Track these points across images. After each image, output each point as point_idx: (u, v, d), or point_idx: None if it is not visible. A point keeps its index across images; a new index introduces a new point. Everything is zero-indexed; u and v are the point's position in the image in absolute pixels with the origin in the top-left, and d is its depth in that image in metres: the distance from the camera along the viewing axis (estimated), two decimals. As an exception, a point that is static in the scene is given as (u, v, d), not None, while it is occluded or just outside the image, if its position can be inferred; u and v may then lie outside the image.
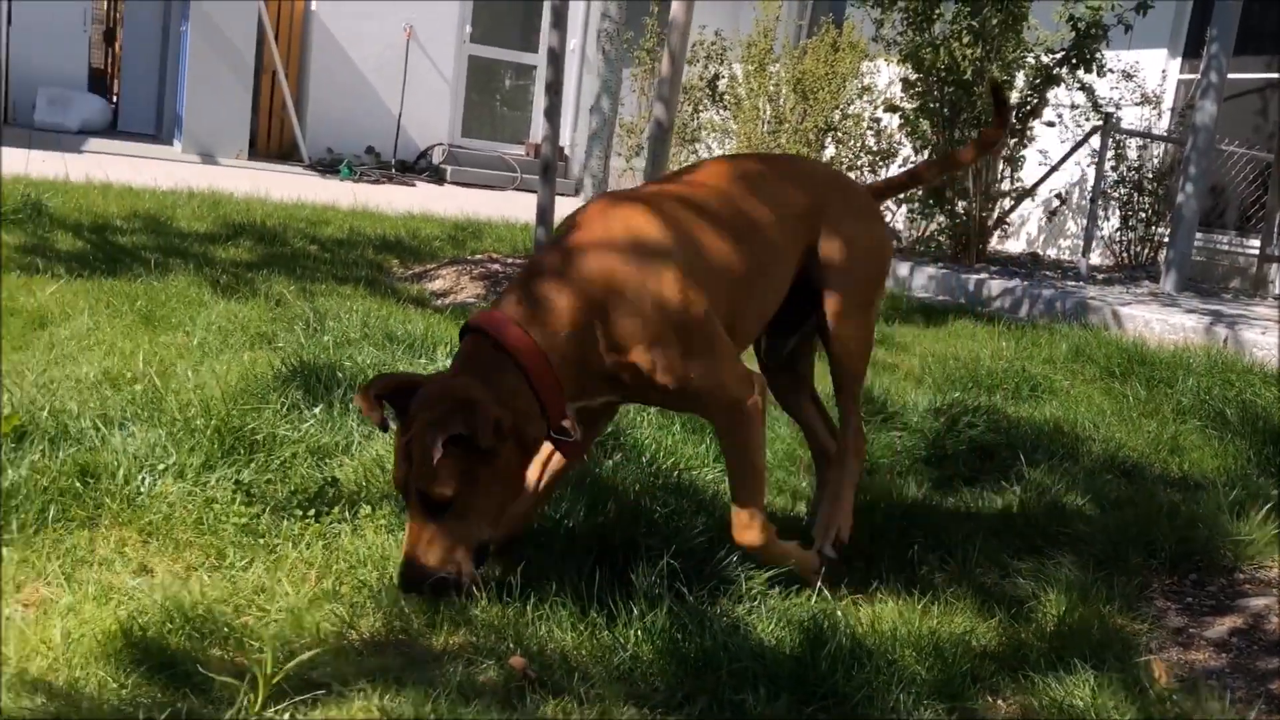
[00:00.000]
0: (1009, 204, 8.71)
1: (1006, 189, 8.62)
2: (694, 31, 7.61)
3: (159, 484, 2.49)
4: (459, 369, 2.20)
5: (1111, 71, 8.41)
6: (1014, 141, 8.37)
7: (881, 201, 3.19)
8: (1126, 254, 9.14)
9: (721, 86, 10.42)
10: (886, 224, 2.98)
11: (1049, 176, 8.83)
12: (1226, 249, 9.01)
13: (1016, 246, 10.19)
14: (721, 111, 10.49)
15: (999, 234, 9.16)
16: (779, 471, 3.26)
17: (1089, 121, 8.62)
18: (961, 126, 8.15)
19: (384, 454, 2.79)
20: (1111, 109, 8.58)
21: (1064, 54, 7.98)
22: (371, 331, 4.05)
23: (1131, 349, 5.07)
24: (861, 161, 9.53)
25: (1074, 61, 7.98)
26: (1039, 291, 7.12)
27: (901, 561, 2.68)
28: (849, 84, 9.38)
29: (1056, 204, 9.55)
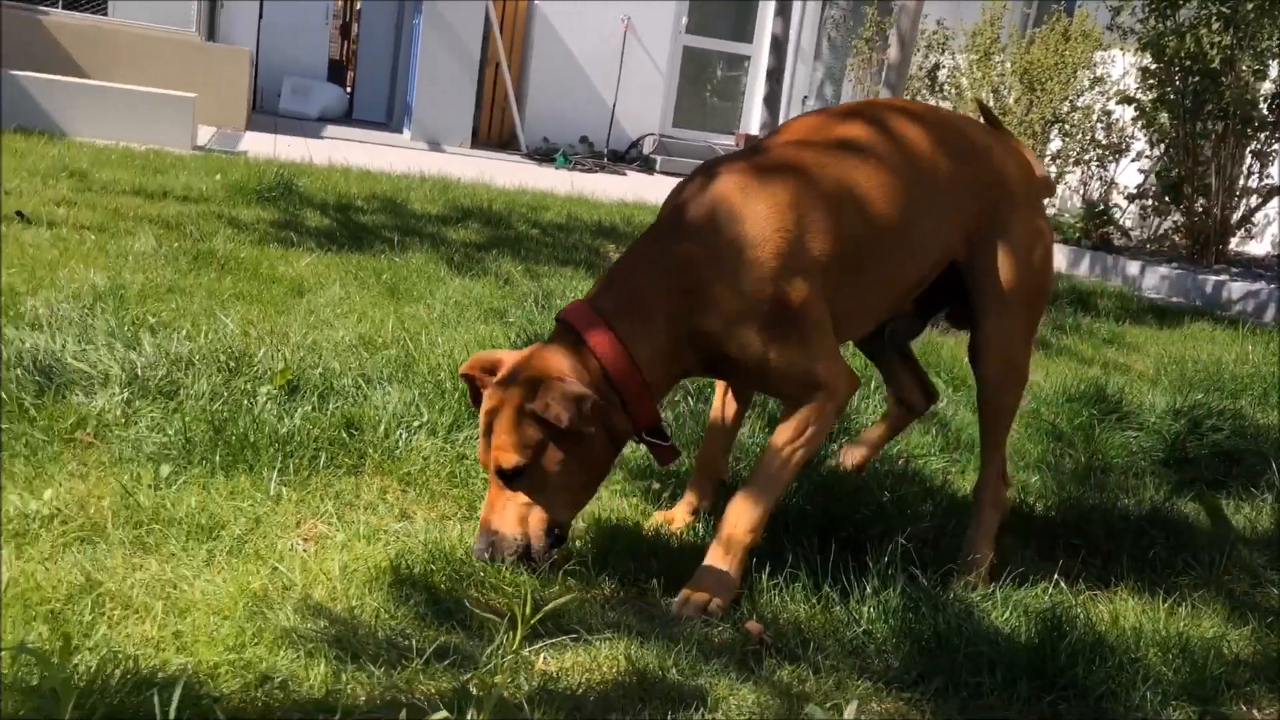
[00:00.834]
0: (1255, 201, 8.15)
1: (1253, 186, 8.07)
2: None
3: (414, 439, 2.66)
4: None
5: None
6: (1265, 135, 7.82)
7: None
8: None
9: (942, 77, 10.16)
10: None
11: (1301, 174, 8.21)
12: None
13: (1261, 248, 9.51)
14: (941, 102, 10.23)
15: (1241, 234, 8.58)
16: (1008, 466, 3.18)
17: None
18: (1205, 119, 7.68)
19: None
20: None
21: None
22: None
23: (1397, 359, 4.68)
24: (1089, 155, 9.11)
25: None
26: (1287, 296, 6.64)
27: (1141, 562, 2.58)
28: (1080, 74, 8.98)
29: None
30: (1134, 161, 8.77)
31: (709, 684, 1.85)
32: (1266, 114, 7.69)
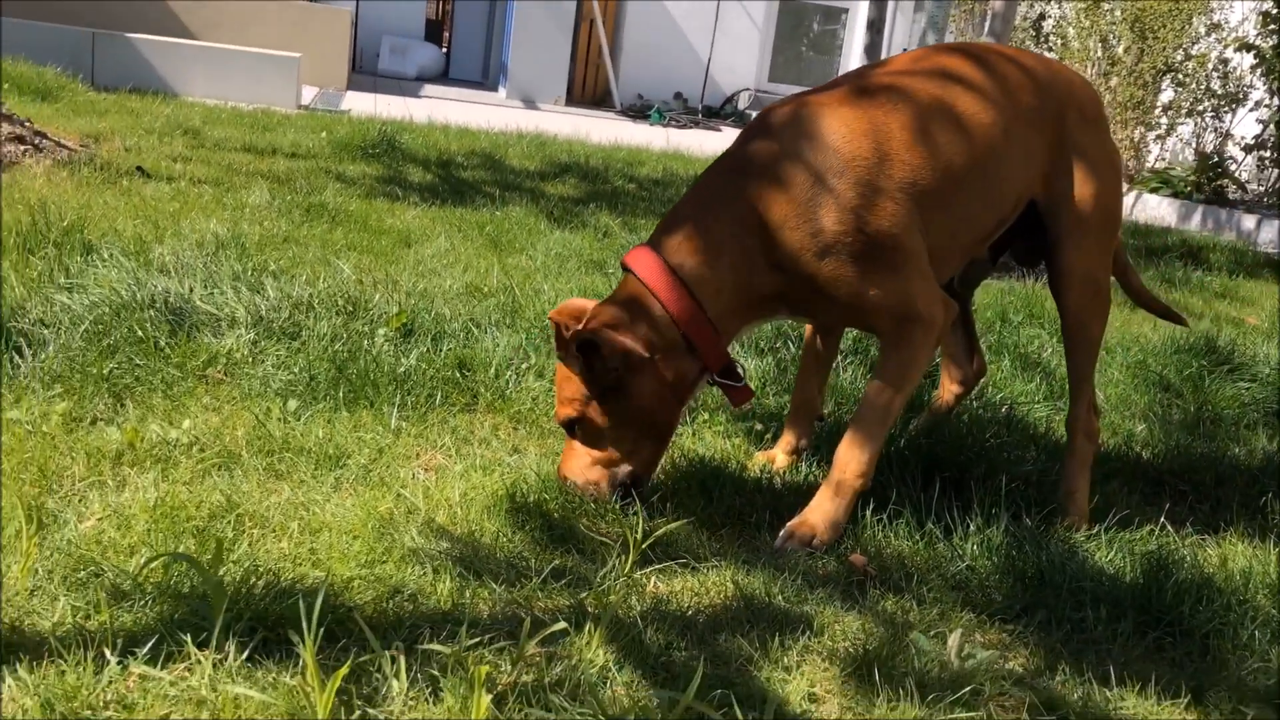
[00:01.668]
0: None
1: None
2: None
3: (523, 380, 2.75)
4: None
5: None
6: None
7: None
8: None
9: (1047, 27, 9.88)
10: None
11: None
12: None
13: (1383, 203, 9.10)
14: (1047, 54, 9.96)
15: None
16: (1113, 415, 3.16)
17: None
18: (1327, 66, 7.36)
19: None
20: None
21: None
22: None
23: None
24: (1203, 106, 8.80)
25: None
26: None
27: (1252, 510, 2.55)
28: (1195, 21, 8.65)
29: None
30: (1251, 111, 8.45)
31: (814, 611, 1.90)
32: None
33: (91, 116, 6.14)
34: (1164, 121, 8.88)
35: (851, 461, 2.17)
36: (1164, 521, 2.34)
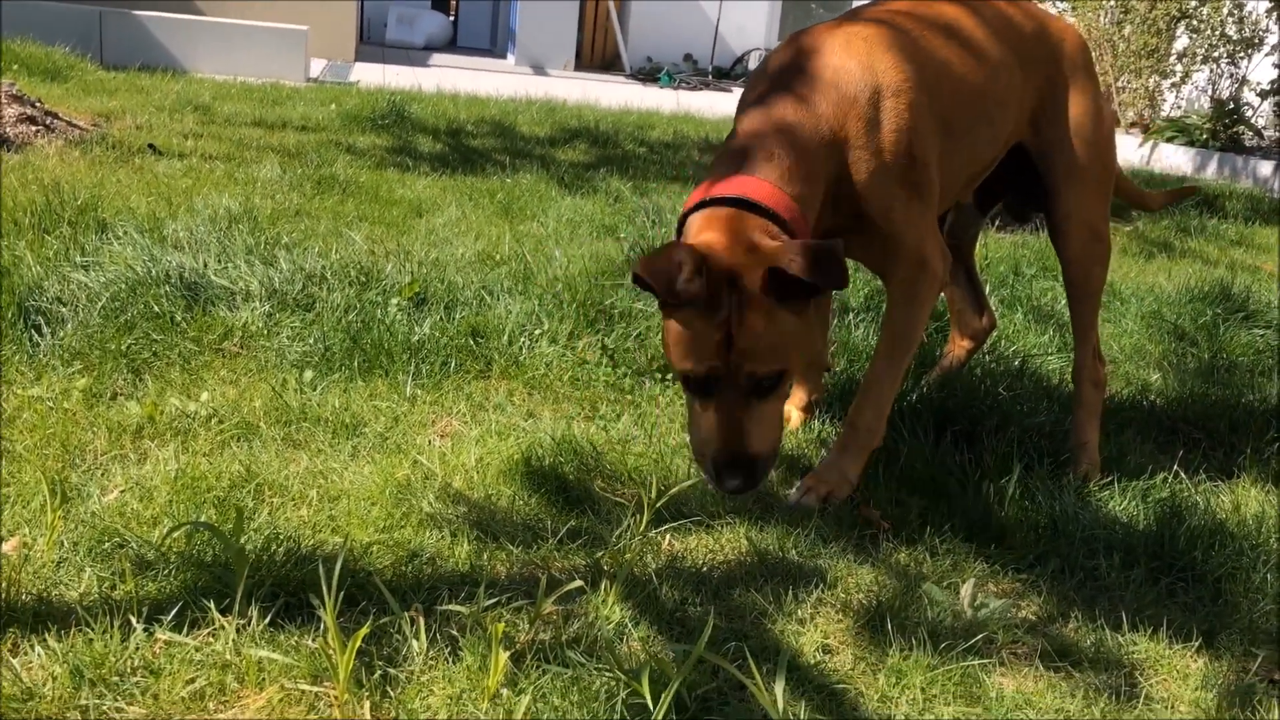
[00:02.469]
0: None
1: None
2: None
3: (536, 346, 2.77)
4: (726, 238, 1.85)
5: None
6: None
7: None
8: None
9: (1058, -24, 9.75)
10: None
11: None
12: None
13: (1404, 145, 8.98)
14: (1059, 3, 9.83)
15: (1383, 130, 8.12)
16: (1127, 365, 3.16)
17: None
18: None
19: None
20: None
21: None
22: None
23: None
24: (1219, 52, 8.68)
25: None
26: None
27: (1265, 455, 2.56)
28: (1209, -35, 8.53)
29: None
30: (1268, 56, 8.33)
31: (828, 565, 1.92)
32: None
33: (102, 95, 6.16)
34: (1179, 69, 8.77)
35: (864, 418, 2.18)
36: (1176, 469, 2.35)
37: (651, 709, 1.41)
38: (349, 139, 5.71)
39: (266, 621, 1.57)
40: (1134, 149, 8.15)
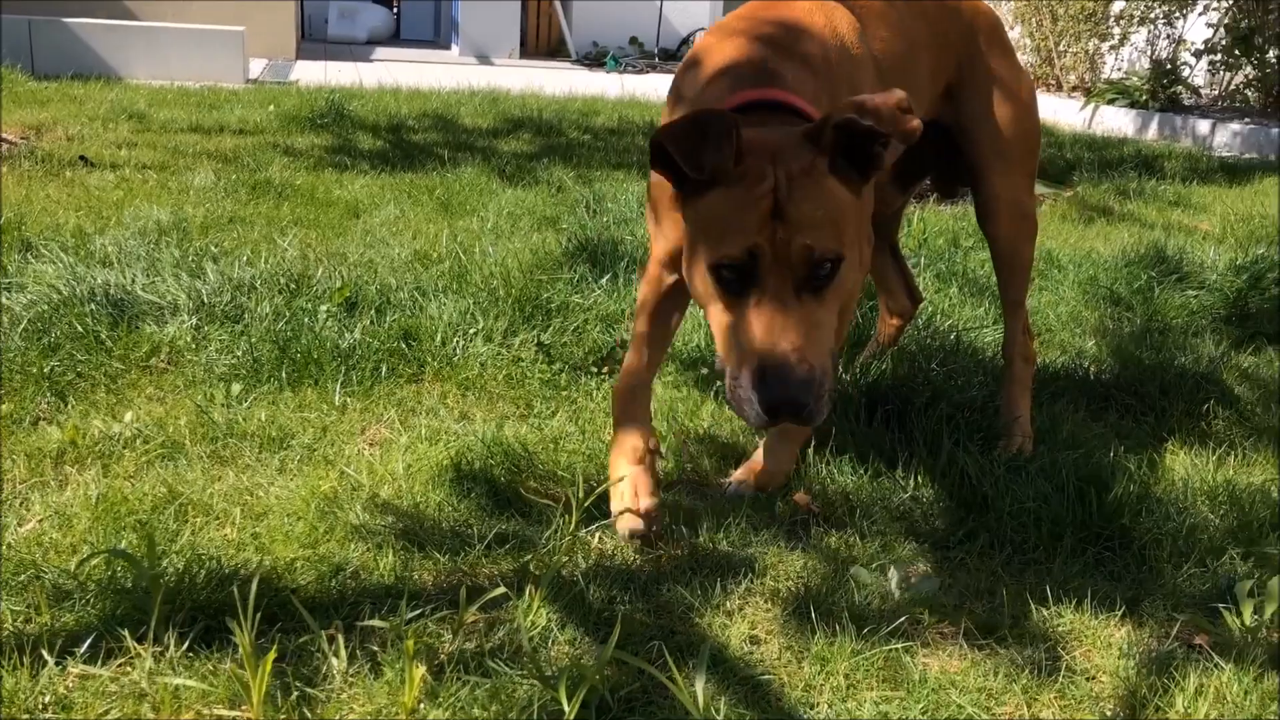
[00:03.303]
0: (1332, 48, 7.78)
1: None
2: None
3: (471, 345, 2.75)
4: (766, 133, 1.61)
5: None
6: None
7: None
8: None
9: (995, -57, 9.77)
10: None
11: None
12: None
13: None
14: (996, -30, 9.86)
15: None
16: (1063, 333, 3.18)
17: None
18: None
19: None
20: None
21: None
22: (647, 209, 4.21)
23: None
24: (1155, 13, 8.74)
25: None
26: (1366, 143, 6.38)
27: (1195, 418, 2.59)
28: (1141, -74, 8.57)
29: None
30: (1201, 15, 8.40)
31: (758, 554, 1.93)
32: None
33: (33, 107, 6.05)
34: (1116, 31, 8.83)
35: None
36: (1106, 435, 2.37)
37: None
38: (287, 140, 5.64)
39: (185, 647, 1.55)
40: (1075, 113, 8.21)
